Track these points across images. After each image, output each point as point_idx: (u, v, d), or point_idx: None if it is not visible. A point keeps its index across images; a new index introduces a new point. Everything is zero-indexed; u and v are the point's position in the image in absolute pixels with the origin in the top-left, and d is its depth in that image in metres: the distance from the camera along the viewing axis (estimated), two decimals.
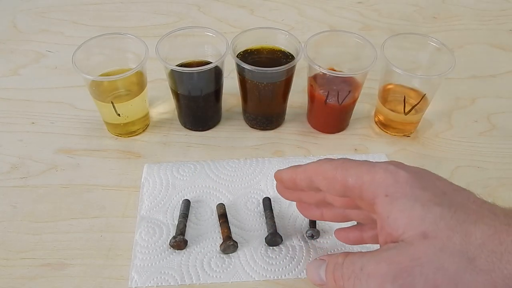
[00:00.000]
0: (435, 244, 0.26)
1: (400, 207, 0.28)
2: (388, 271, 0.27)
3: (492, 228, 0.26)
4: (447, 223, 0.27)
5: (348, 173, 0.31)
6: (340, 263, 0.30)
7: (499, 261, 0.25)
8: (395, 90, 0.55)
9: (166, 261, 0.43)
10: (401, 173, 0.30)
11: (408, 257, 0.27)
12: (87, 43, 0.52)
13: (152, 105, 0.60)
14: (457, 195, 0.29)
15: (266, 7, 0.79)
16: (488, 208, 0.28)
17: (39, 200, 0.49)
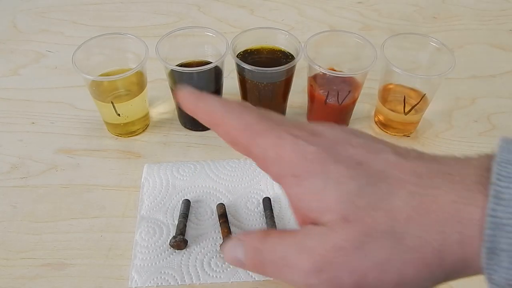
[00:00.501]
0: (358, 228, 0.23)
1: (310, 188, 0.25)
2: (312, 264, 0.24)
3: (417, 197, 0.23)
4: (367, 202, 0.24)
5: (253, 140, 0.26)
6: (259, 248, 0.26)
7: (427, 234, 0.23)
8: (395, 90, 0.55)
9: (166, 261, 0.43)
10: (310, 149, 0.25)
11: (332, 247, 0.24)
12: (87, 43, 0.52)
13: (152, 105, 0.60)
14: (375, 161, 0.25)
15: (266, 7, 0.79)
16: (410, 168, 0.25)
17: (39, 200, 0.49)
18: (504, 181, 0.22)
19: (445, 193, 0.23)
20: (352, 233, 0.23)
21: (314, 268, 0.24)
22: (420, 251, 0.23)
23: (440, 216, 0.23)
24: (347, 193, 0.24)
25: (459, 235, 0.23)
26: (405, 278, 0.23)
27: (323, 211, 0.24)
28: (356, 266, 0.23)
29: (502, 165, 0.22)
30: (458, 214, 0.23)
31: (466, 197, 0.23)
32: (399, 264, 0.23)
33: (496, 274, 0.22)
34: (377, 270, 0.23)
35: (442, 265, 0.23)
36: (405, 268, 0.23)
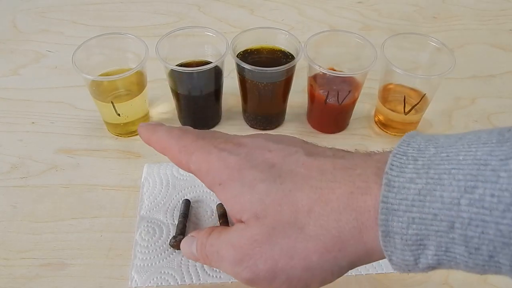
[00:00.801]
0: (266, 222, 0.27)
1: (231, 193, 0.29)
2: (235, 256, 0.28)
3: (318, 191, 0.26)
4: (273, 198, 0.27)
5: (190, 159, 0.31)
6: (204, 243, 0.31)
7: (326, 223, 0.26)
8: (395, 90, 0.55)
9: (166, 261, 0.43)
10: (231, 158, 0.30)
11: (248, 240, 0.28)
12: (87, 43, 0.52)
13: (152, 105, 0.60)
14: (287, 162, 0.29)
15: (266, 7, 0.79)
16: (316, 166, 0.28)
17: (39, 200, 0.49)
18: (395, 170, 0.24)
19: (344, 186, 0.26)
20: (262, 227, 0.27)
21: (236, 259, 0.28)
22: (320, 238, 0.26)
23: (337, 206, 0.26)
24: (257, 193, 0.28)
25: (356, 222, 0.25)
26: (310, 263, 0.26)
27: (241, 212, 0.28)
28: (268, 255, 0.27)
29: (397, 156, 0.25)
30: (354, 203, 0.25)
31: (362, 187, 0.25)
32: (304, 251, 0.26)
33: (394, 255, 0.25)
34: (285, 257, 0.27)
35: (343, 250, 0.26)
36: (309, 254, 0.26)
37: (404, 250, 0.24)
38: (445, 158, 0.24)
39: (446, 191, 0.23)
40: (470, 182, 0.22)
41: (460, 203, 0.22)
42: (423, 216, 0.23)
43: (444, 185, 0.23)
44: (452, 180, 0.23)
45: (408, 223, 0.23)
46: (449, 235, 0.23)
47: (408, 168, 0.24)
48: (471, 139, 0.24)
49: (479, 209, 0.22)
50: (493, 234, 0.22)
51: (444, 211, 0.23)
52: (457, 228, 0.22)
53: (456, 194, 0.22)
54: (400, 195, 0.24)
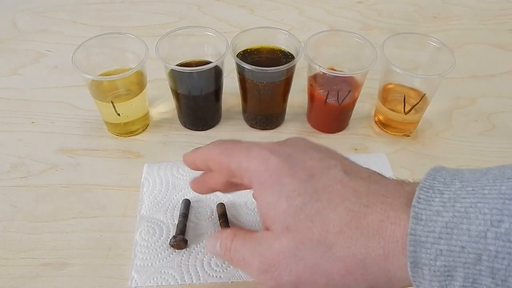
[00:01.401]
0: (296, 236, 0.28)
1: (267, 198, 0.30)
2: (260, 265, 0.30)
3: (351, 213, 0.28)
4: (307, 214, 0.28)
5: (230, 159, 0.33)
6: (228, 247, 0.32)
7: (354, 246, 0.27)
8: (395, 90, 0.55)
9: (166, 261, 0.43)
10: (272, 160, 0.31)
11: (275, 251, 0.29)
12: (87, 42, 0.52)
13: (152, 105, 0.60)
14: (325, 176, 0.30)
15: (266, 6, 0.79)
16: (352, 187, 0.29)
17: (39, 200, 0.49)
18: (423, 203, 0.25)
19: (375, 212, 0.27)
20: (291, 240, 0.29)
21: (261, 268, 0.30)
22: (345, 260, 0.27)
23: (366, 232, 0.27)
24: (293, 206, 0.29)
25: (382, 250, 0.26)
26: (332, 281, 0.28)
27: (273, 220, 0.30)
28: (293, 268, 0.28)
29: (423, 189, 0.26)
30: (383, 231, 0.27)
31: (392, 217, 0.27)
32: (328, 269, 0.28)
33: (422, 285, 0.25)
34: (309, 272, 0.28)
35: (365, 274, 0.27)
36: (332, 273, 0.28)
37: (432, 281, 0.25)
38: (471, 192, 0.25)
39: (472, 225, 0.24)
40: (496, 216, 0.23)
41: (486, 236, 0.23)
42: (450, 248, 0.24)
43: (470, 218, 0.24)
44: (478, 213, 0.24)
45: (436, 255, 0.24)
46: (476, 267, 0.24)
47: (434, 201, 0.25)
48: (496, 174, 0.25)
49: (505, 242, 0.23)
50: None
51: (471, 243, 0.23)
52: (484, 261, 0.23)
53: (482, 227, 0.23)
54: (427, 228, 0.25)
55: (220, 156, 0.34)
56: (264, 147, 0.32)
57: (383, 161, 0.52)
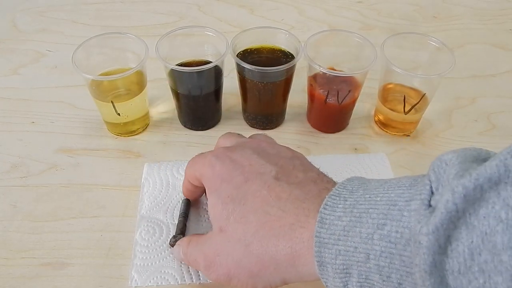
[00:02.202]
0: (225, 236, 0.34)
1: (211, 201, 0.36)
2: (204, 262, 0.35)
3: (267, 216, 0.32)
4: (235, 217, 0.33)
5: (194, 169, 0.39)
6: (185, 252, 0.38)
7: (266, 245, 0.32)
8: (395, 90, 0.55)
9: (166, 261, 0.43)
10: (217, 166, 0.36)
11: (213, 249, 0.35)
12: (87, 42, 0.52)
13: (152, 105, 0.60)
14: (257, 181, 0.34)
15: (266, 6, 0.79)
16: (276, 192, 0.33)
17: (39, 200, 0.49)
18: (328, 209, 0.29)
19: (289, 217, 0.31)
20: (222, 239, 0.34)
21: (205, 265, 0.35)
22: (260, 256, 0.32)
23: (277, 233, 0.31)
24: (226, 210, 0.34)
25: (290, 249, 0.31)
26: (252, 274, 0.33)
27: (213, 220, 0.35)
28: (223, 263, 0.34)
29: (332, 197, 0.30)
30: (292, 234, 0.31)
31: (303, 221, 0.31)
32: (247, 264, 0.33)
33: (328, 282, 0.29)
34: (235, 266, 0.33)
35: (277, 269, 0.32)
36: (251, 267, 0.33)
37: (335, 278, 0.29)
38: (368, 199, 0.28)
39: (363, 227, 0.27)
40: (382, 220, 0.27)
41: (373, 238, 0.27)
42: (347, 248, 0.28)
43: (362, 222, 0.27)
44: (369, 218, 0.27)
45: (336, 255, 0.28)
46: (366, 265, 0.27)
47: (338, 207, 0.29)
48: (392, 184, 0.28)
49: (388, 243, 0.26)
50: (398, 264, 0.26)
51: (362, 244, 0.27)
52: (371, 259, 0.27)
53: (370, 230, 0.27)
54: (330, 231, 0.29)
55: (189, 169, 0.40)
56: (214, 154, 0.37)
57: (383, 161, 0.52)
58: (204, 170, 0.37)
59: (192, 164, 0.39)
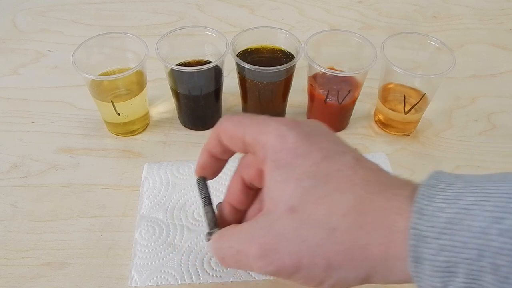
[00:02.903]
0: (299, 217, 0.27)
1: (278, 178, 0.29)
2: (258, 251, 0.28)
3: (358, 199, 0.27)
4: (314, 196, 0.27)
5: (245, 130, 0.31)
6: (219, 247, 0.31)
7: (357, 231, 0.26)
8: (395, 90, 0.55)
9: (166, 260, 0.43)
10: (290, 137, 0.29)
11: (275, 234, 0.28)
12: (87, 42, 0.52)
13: (152, 105, 0.60)
14: (338, 160, 0.29)
15: (266, 6, 0.79)
16: (362, 175, 0.28)
17: (39, 200, 0.49)
18: (426, 199, 0.25)
19: (381, 201, 0.27)
20: (293, 221, 0.27)
21: (260, 254, 0.28)
22: (347, 244, 0.26)
23: (371, 219, 0.26)
24: (301, 188, 0.28)
25: (385, 239, 0.26)
26: (332, 265, 0.27)
27: (277, 201, 0.28)
28: (294, 250, 0.27)
29: (427, 187, 0.26)
30: (387, 221, 0.26)
31: (397, 207, 0.26)
32: (329, 252, 0.27)
33: (422, 281, 0.25)
34: (310, 254, 0.27)
35: (364, 261, 0.26)
36: (333, 256, 0.27)
37: (433, 277, 0.25)
38: (473, 190, 0.25)
39: (475, 221, 0.24)
40: (498, 213, 0.23)
41: (489, 233, 0.23)
42: (453, 243, 0.24)
43: (473, 215, 0.24)
44: (481, 210, 0.24)
45: (438, 250, 0.24)
46: (478, 263, 0.23)
47: (437, 198, 0.25)
48: (497, 178, 0.25)
49: (508, 239, 0.23)
50: None
51: (474, 239, 0.23)
52: (486, 257, 0.23)
53: (485, 224, 0.23)
54: (430, 223, 0.25)
55: (234, 128, 0.32)
56: (283, 123, 0.30)
57: (383, 161, 0.52)
58: (269, 138, 0.29)
59: (237, 124, 0.32)
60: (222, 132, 0.33)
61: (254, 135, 0.30)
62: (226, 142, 0.33)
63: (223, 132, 0.32)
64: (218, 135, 0.33)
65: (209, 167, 0.36)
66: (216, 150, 0.34)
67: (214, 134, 0.33)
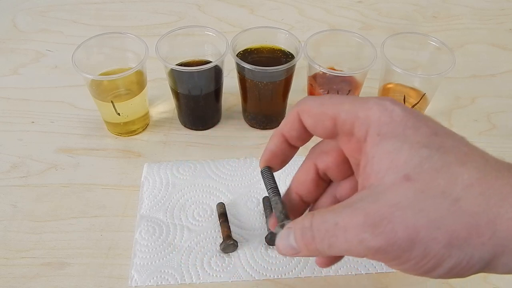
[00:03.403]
0: (417, 186, 0.24)
1: (388, 148, 0.26)
2: (366, 221, 0.24)
3: (482, 171, 0.24)
4: (432, 165, 0.24)
5: (340, 107, 0.28)
6: (308, 226, 0.27)
7: (485, 204, 0.23)
8: (395, 90, 0.55)
9: (166, 260, 0.43)
10: (397, 111, 0.27)
11: (387, 203, 0.24)
12: (87, 42, 0.52)
13: (152, 104, 0.60)
14: (449, 138, 0.27)
15: (266, 6, 0.79)
16: (479, 153, 0.26)
17: (39, 200, 0.49)
18: None
19: (506, 178, 0.24)
20: (409, 190, 0.24)
21: (368, 222, 0.24)
22: (474, 217, 0.23)
23: (499, 193, 0.23)
24: (417, 156, 0.25)
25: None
26: (455, 240, 0.23)
27: (388, 171, 0.25)
28: (410, 221, 0.23)
29: None
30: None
31: None
32: (452, 225, 0.23)
33: None
34: (429, 227, 0.23)
35: (493, 238, 0.23)
36: (457, 231, 0.23)
37: None
38: None
39: None
40: None
41: None
42: None
43: None
44: None
45: None
46: None
47: None
48: None
49: None
50: None
51: None
52: None
53: None
54: None
55: (321, 106, 0.29)
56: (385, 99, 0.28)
57: None
58: (373, 112, 0.27)
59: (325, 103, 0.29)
60: (306, 112, 0.30)
61: (352, 111, 0.28)
62: (309, 123, 0.30)
63: (307, 112, 0.29)
64: (299, 116, 0.30)
65: (279, 155, 0.32)
66: (292, 133, 0.31)
67: (293, 115, 0.30)
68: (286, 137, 0.32)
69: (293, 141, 0.32)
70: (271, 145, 0.32)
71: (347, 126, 0.28)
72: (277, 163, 0.33)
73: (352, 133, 0.28)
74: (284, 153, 0.32)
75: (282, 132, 0.32)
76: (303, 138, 0.31)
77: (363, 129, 0.27)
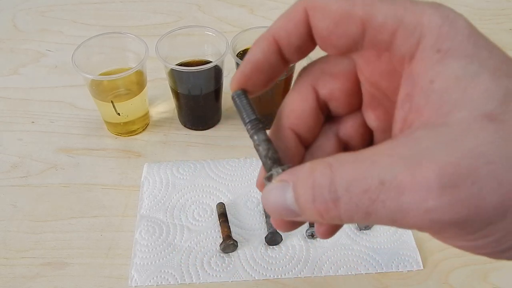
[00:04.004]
0: (504, 129, 0.16)
1: (457, 71, 0.17)
2: (436, 177, 0.16)
3: None
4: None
5: (376, 7, 0.19)
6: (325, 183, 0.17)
7: None
8: None
9: (166, 260, 0.43)
10: (461, 22, 0.18)
11: (468, 153, 0.16)
12: (87, 42, 0.52)
13: (152, 104, 0.60)
14: None
15: (266, 6, 0.79)
16: None
17: (39, 199, 0.49)
18: None
19: None
20: (497, 135, 0.16)
21: (441, 182, 0.16)
22: None
23: None
24: (502, 89, 0.17)
25: None
26: None
27: (462, 105, 0.17)
28: (504, 179, 0.16)
29: None
30: None
31: None
32: None
33: None
34: None
35: None
36: None
37: None
38: None
39: None
40: None
41: None
42: None
43: None
44: None
45: None
46: None
47: None
48: None
49: None
50: None
51: None
52: None
53: None
54: None
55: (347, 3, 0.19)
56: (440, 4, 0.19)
57: None
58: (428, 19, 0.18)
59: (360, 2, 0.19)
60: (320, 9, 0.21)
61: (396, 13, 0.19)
62: (323, 26, 0.21)
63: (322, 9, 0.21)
64: (306, 14, 0.22)
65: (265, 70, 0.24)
66: (292, 40, 0.23)
67: (296, 11, 0.22)
68: (280, 45, 0.23)
69: (289, 51, 0.23)
70: (256, 54, 0.23)
71: (384, 36, 0.19)
72: (257, 83, 0.24)
73: (389, 47, 0.19)
74: (271, 68, 0.23)
75: (274, 36, 0.23)
76: (303, 49, 0.23)
77: (411, 41, 0.18)
